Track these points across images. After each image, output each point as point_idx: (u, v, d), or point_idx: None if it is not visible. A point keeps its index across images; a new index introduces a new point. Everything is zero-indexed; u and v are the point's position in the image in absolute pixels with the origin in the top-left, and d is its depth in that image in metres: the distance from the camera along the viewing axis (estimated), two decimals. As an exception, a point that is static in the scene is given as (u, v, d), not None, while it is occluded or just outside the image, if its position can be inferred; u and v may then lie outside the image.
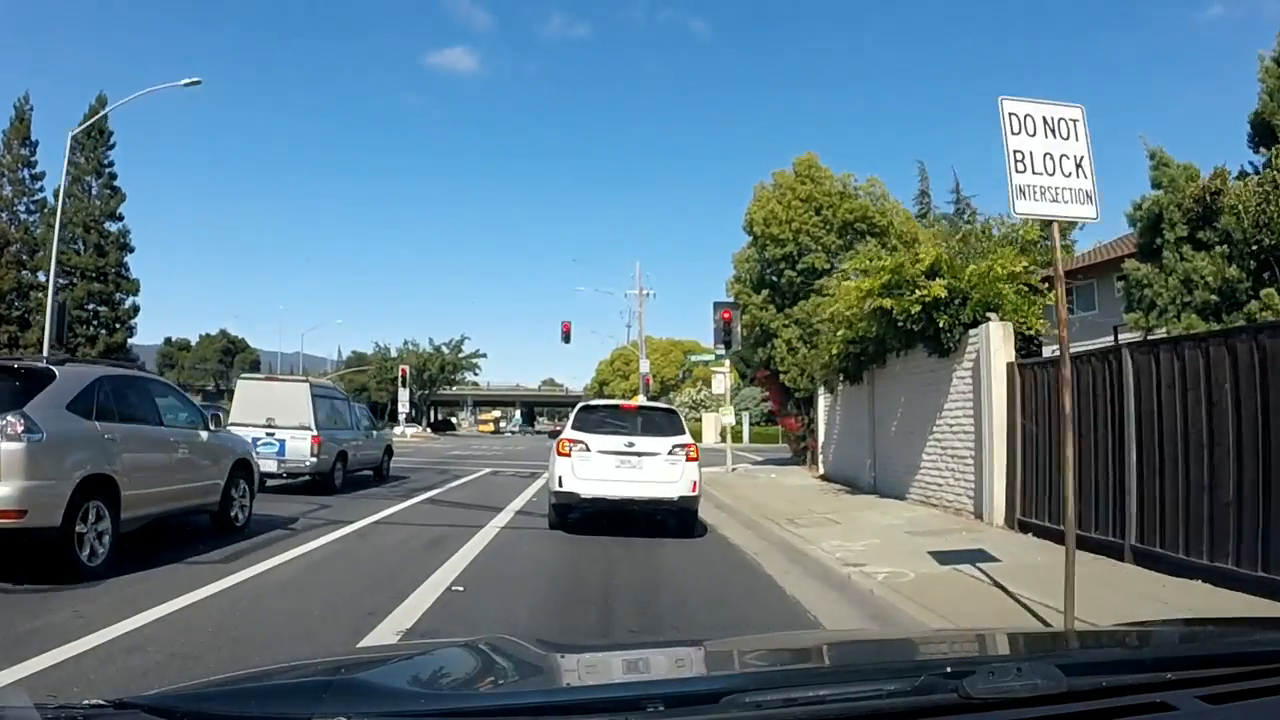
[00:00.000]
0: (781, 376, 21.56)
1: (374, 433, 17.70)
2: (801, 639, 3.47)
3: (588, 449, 10.00)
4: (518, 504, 13.32)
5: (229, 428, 11.74)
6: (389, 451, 18.65)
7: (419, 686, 1.45)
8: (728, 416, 20.31)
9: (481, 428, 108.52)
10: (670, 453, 10.02)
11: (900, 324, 11.91)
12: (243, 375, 15.89)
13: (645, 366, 42.94)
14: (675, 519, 10.16)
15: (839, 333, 14.61)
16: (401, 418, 56.36)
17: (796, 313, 21.39)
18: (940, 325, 11.50)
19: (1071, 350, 5.54)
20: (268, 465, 14.17)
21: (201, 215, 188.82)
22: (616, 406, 11.24)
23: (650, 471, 9.91)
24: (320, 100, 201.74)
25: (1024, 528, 9.81)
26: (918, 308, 11.50)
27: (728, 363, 20.89)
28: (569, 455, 10.02)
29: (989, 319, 11.17)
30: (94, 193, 60.11)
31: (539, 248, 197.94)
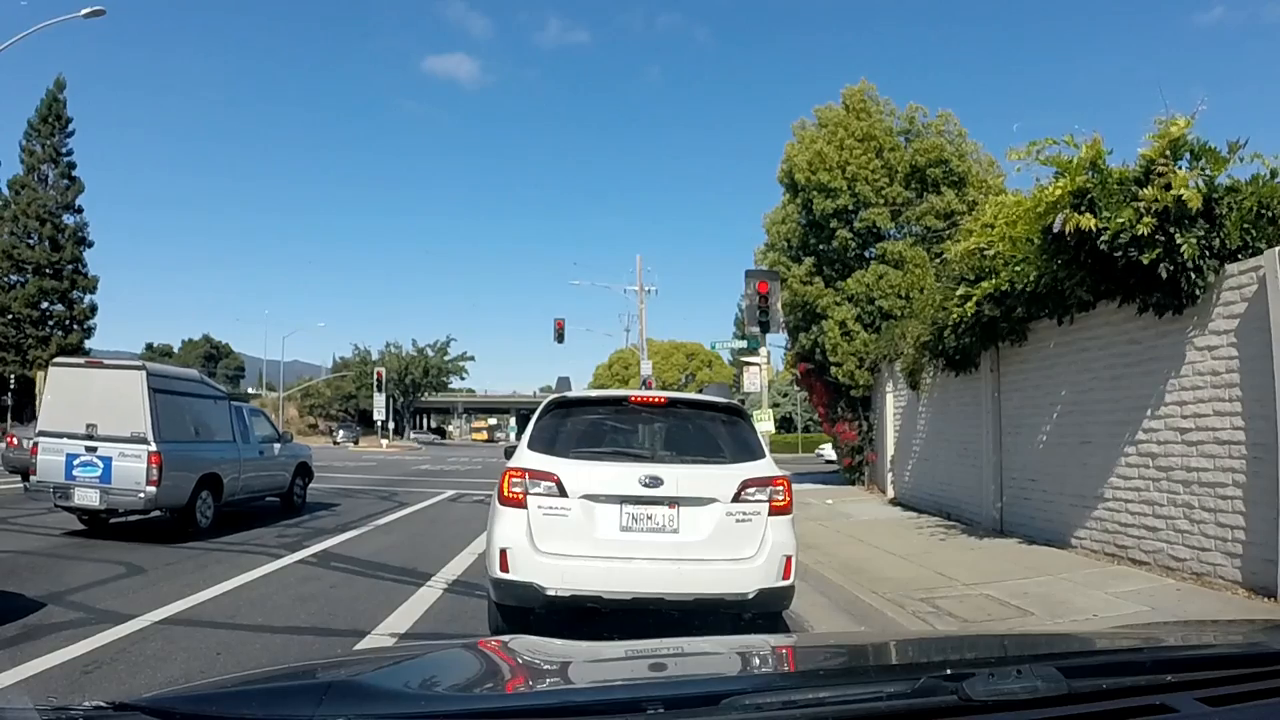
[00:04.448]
0: (833, 370, 16.53)
1: (275, 446, 12.52)
2: (801, 641, 3.27)
3: (562, 491, 4.88)
4: (458, 566, 8.21)
5: (36, 439, 9.73)
6: (303, 472, 13.43)
7: (419, 688, 1.45)
8: (765, 422, 15.23)
9: (475, 436, 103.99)
10: (738, 498, 4.93)
11: (1105, 257, 6.92)
12: (54, 360, 10.68)
13: (647, 368, 37.97)
14: (745, 627, 5.07)
15: (957, 290, 9.61)
16: (379, 426, 51.14)
17: (852, 286, 16.41)
18: (1184, 256, 6.50)
19: None
20: (86, 497, 9.38)
21: (189, 219, 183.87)
22: (622, 401, 5.64)
23: (695, 536, 4.85)
24: (317, 106, 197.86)
25: None
26: (1150, 223, 6.48)
27: (764, 352, 15.82)
28: (523, 505, 4.89)
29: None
30: (50, 182, 55.40)
31: (538, 255, 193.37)
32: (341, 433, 59.24)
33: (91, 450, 9.33)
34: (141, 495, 9.22)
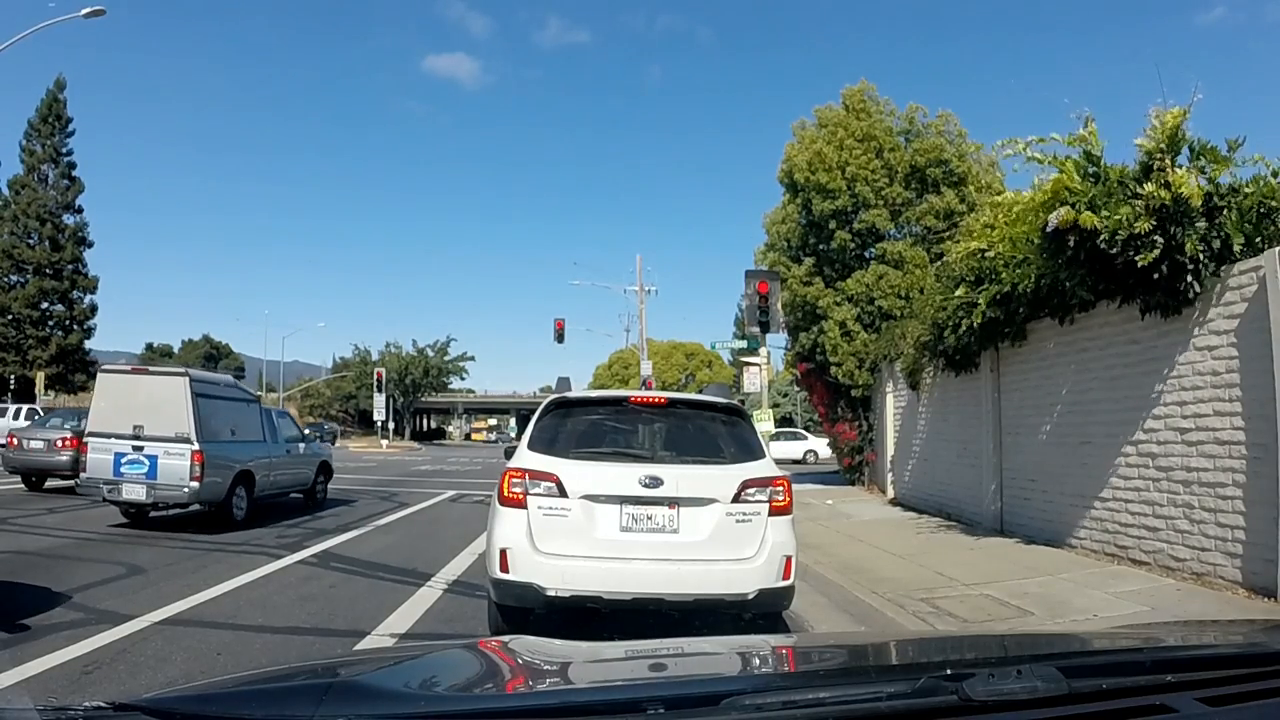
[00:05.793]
0: (833, 370, 16.53)
1: (301, 446, 13.26)
2: (802, 641, 3.28)
3: (562, 492, 4.86)
4: (458, 566, 8.22)
5: (86, 439, 10.42)
6: (324, 470, 14.12)
7: (419, 688, 1.44)
8: (765, 423, 15.24)
9: (475, 436, 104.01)
10: (738, 499, 4.93)
11: (1104, 257, 6.92)
12: (103, 366, 11.50)
13: (647, 368, 37.98)
14: (745, 627, 5.06)
15: (956, 291, 9.62)
16: (379, 426, 51.12)
17: (852, 286, 16.41)
18: (1186, 254, 6.50)
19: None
20: (133, 492, 10.04)
21: (189, 220, 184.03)
22: (622, 402, 5.63)
23: (695, 537, 4.85)
24: (317, 106, 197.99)
25: None
26: (1148, 222, 6.48)
27: (764, 352, 15.84)
28: (523, 505, 4.88)
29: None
30: (50, 182, 55.30)
31: (538, 255, 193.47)
32: (308, 431, 52.55)
33: (138, 449, 10.02)
34: (185, 490, 9.95)
